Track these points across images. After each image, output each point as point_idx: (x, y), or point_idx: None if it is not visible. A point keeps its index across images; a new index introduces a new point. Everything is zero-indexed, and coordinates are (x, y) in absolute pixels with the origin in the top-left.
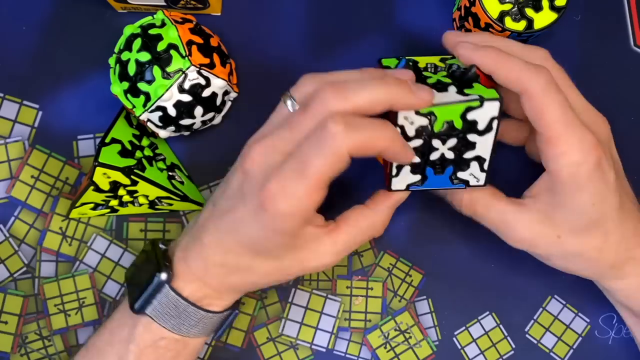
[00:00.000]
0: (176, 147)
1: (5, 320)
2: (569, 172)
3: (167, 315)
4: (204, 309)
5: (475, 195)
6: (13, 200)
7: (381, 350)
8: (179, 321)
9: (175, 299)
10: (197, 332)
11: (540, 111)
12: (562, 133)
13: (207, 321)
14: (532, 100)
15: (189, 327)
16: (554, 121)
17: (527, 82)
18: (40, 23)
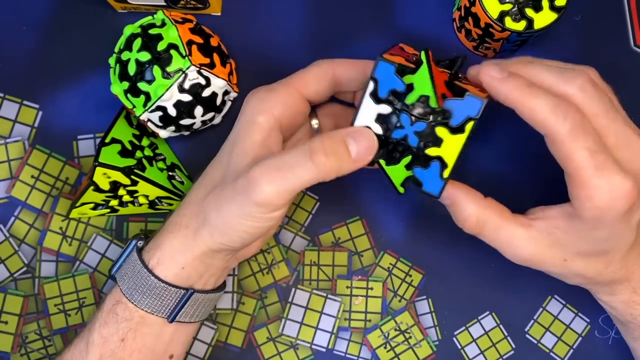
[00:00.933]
0: (176, 147)
1: (5, 320)
2: (594, 214)
3: (125, 276)
4: (154, 274)
5: (484, 217)
6: (13, 200)
7: (381, 350)
8: (133, 285)
9: (135, 259)
10: (149, 304)
11: (567, 157)
12: (592, 180)
13: (158, 292)
14: (557, 145)
15: (141, 295)
16: (581, 167)
17: (552, 127)
18: (40, 23)
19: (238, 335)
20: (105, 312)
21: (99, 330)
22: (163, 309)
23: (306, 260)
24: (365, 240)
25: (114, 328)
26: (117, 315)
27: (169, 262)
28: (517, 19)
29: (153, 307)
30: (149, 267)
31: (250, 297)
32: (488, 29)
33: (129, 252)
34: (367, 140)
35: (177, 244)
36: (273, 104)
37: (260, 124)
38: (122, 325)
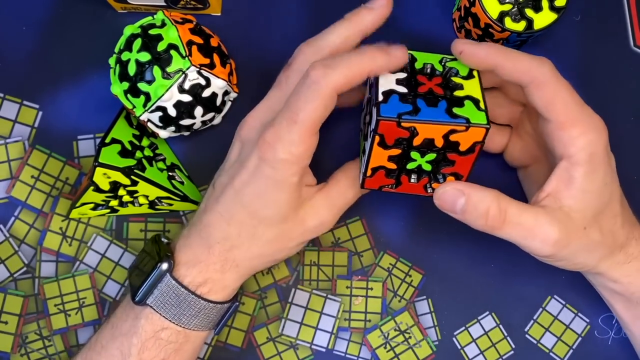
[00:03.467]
0: (176, 147)
1: (5, 320)
2: (588, 152)
3: (167, 304)
4: (204, 298)
5: (504, 204)
6: (13, 200)
7: (381, 350)
8: (180, 311)
9: (176, 287)
10: (197, 323)
11: (553, 97)
12: (577, 115)
13: (207, 312)
14: (542, 88)
15: (189, 318)
16: (567, 105)
17: (535, 71)
18: (40, 23)
19: (238, 335)
20: (145, 339)
21: (139, 356)
22: (210, 324)
23: (306, 261)
24: (365, 240)
25: (156, 351)
26: (161, 339)
27: (222, 290)
28: (516, 20)
29: (201, 324)
30: (197, 293)
31: (250, 297)
32: (488, 30)
33: (156, 278)
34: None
35: (229, 277)
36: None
37: (295, 183)
38: (166, 348)
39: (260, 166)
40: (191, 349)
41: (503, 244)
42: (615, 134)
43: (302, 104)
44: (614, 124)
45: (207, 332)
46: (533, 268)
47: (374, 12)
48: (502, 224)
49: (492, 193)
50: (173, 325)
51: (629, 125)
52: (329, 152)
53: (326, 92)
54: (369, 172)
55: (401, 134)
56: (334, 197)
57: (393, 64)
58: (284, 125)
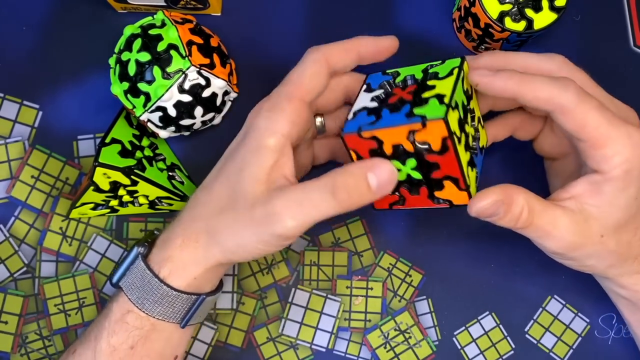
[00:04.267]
0: (176, 147)
1: (5, 320)
2: (623, 169)
3: (134, 286)
4: (166, 283)
5: (531, 204)
6: (13, 200)
7: (381, 350)
8: (143, 294)
9: (143, 268)
10: (161, 312)
11: (582, 122)
12: (610, 134)
13: (170, 301)
14: (569, 114)
15: (152, 304)
16: (597, 126)
17: (558, 99)
18: (40, 23)
19: (238, 335)
20: (113, 322)
21: (108, 340)
22: (175, 315)
23: (306, 261)
24: (365, 240)
25: (124, 337)
26: (127, 324)
27: (181, 273)
28: (517, 19)
29: (165, 314)
30: (160, 276)
31: (250, 297)
32: (488, 30)
33: (131, 261)
34: (387, 173)
35: (187, 257)
36: (281, 124)
37: (270, 147)
38: (132, 334)
39: (248, 132)
40: (161, 341)
41: (503, 244)
42: None
43: (293, 70)
44: None
45: (177, 327)
46: (533, 268)
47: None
48: (528, 225)
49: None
50: (137, 310)
51: None
52: None
53: (318, 57)
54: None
55: (369, 145)
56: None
57: (381, 44)
58: (275, 91)
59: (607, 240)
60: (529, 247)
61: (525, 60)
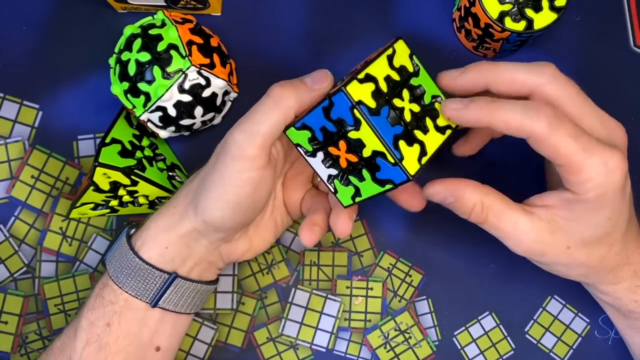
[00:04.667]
0: (176, 147)
1: (5, 320)
2: (596, 194)
3: (113, 259)
4: (138, 255)
5: (488, 202)
6: (13, 200)
7: (381, 350)
8: (119, 266)
9: (123, 242)
10: (133, 286)
11: (554, 149)
12: (583, 161)
13: (142, 275)
14: (541, 142)
15: (125, 277)
16: (571, 154)
17: (530, 127)
18: (40, 23)
19: (238, 335)
20: (93, 297)
21: (87, 315)
22: (147, 293)
23: (306, 261)
24: (365, 240)
25: (101, 312)
26: (103, 298)
27: (153, 242)
28: (517, 19)
29: (137, 290)
30: (134, 248)
31: (250, 297)
32: (488, 29)
33: (120, 240)
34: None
35: (162, 224)
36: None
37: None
38: (107, 309)
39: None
40: (136, 322)
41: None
42: None
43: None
44: None
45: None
46: (533, 268)
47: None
48: (483, 221)
49: (477, 192)
50: (111, 282)
51: (629, 125)
52: None
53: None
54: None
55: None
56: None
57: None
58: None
59: (574, 252)
60: None
61: (513, 74)
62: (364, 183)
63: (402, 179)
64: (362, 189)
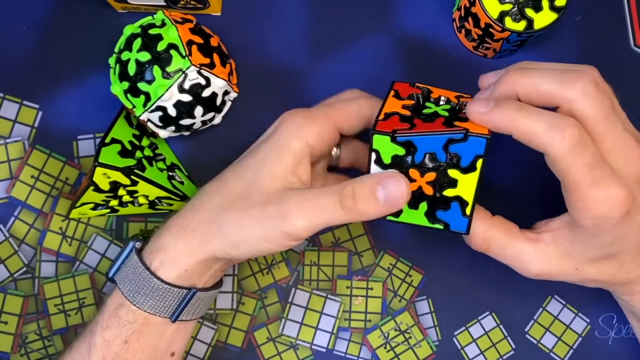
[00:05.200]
0: (176, 147)
1: (5, 320)
2: (592, 224)
3: (126, 279)
4: (157, 276)
5: (489, 235)
6: (13, 200)
7: (381, 350)
8: (135, 287)
9: (135, 261)
10: (152, 305)
11: (566, 173)
12: (587, 193)
13: (161, 294)
14: (555, 161)
15: (143, 297)
16: (579, 182)
17: (550, 146)
18: (40, 23)
19: (238, 336)
20: (107, 316)
21: (102, 334)
22: (166, 309)
23: (306, 261)
24: (365, 240)
25: (117, 331)
26: (120, 318)
27: (173, 264)
28: (517, 19)
29: (156, 308)
30: (151, 269)
31: (250, 297)
32: (488, 29)
33: (127, 254)
34: (397, 187)
35: (182, 247)
36: (309, 133)
37: (294, 151)
38: (125, 328)
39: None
40: (155, 336)
41: None
42: None
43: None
44: None
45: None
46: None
47: None
48: (485, 251)
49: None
50: (128, 303)
51: None
52: None
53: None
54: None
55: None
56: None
57: None
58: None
59: (583, 272)
60: None
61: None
62: (412, 211)
63: (462, 230)
64: (406, 213)
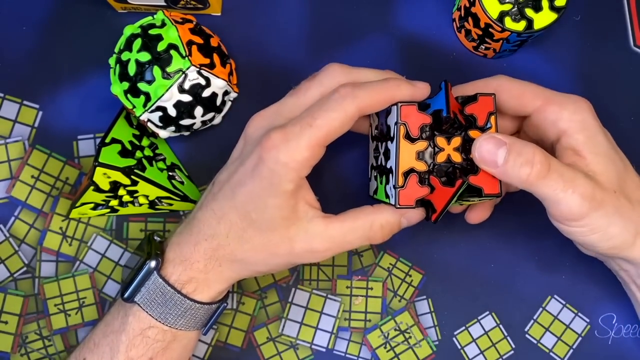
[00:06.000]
0: (176, 147)
1: (5, 320)
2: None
3: (154, 302)
4: (190, 298)
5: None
6: (13, 200)
7: (381, 350)
8: (166, 310)
9: (162, 285)
10: (184, 323)
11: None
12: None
13: (193, 312)
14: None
15: (175, 317)
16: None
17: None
18: (40, 23)
19: (238, 335)
20: (132, 336)
21: (126, 354)
22: (197, 324)
23: None
24: None
25: (144, 349)
26: (148, 338)
27: (207, 290)
28: (517, 19)
29: (188, 324)
30: (183, 292)
31: (250, 297)
32: (488, 29)
33: (143, 276)
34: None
35: (212, 277)
36: (298, 170)
37: (290, 191)
38: (153, 347)
39: (259, 166)
40: (180, 348)
41: (503, 244)
42: (615, 133)
43: (323, 112)
44: (614, 124)
45: (196, 332)
46: (533, 268)
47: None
48: (547, 172)
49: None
50: (159, 324)
51: (629, 125)
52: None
53: (350, 108)
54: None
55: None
56: (334, 233)
57: (417, 95)
58: (296, 129)
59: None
60: (529, 247)
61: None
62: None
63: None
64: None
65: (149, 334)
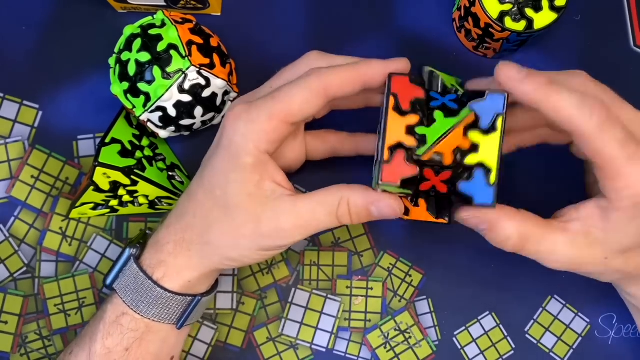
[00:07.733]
0: (176, 147)
1: (5, 320)
2: (632, 202)
3: (127, 288)
4: (160, 285)
5: (525, 232)
6: (13, 200)
7: (381, 350)
8: (138, 297)
9: (136, 271)
10: (156, 313)
11: (597, 151)
12: (624, 169)
13: (165, 302)
14: (586, 140)
15: (147, 306)
16: (613, 159)
17: (579, 124)
18: (40, 23)
19: (238, 335)
20: (108, 324)
21: (102, 342)
22: (170, 316)
23: (306, 261)
24: (365, 240)
25: (119, 339)
26: (122, 326)
27: (176, 277)
28: (517, 19)
29: (160, 316)
30: (153, 278)
31: (250, 297)
32: (488, 29)
33: (123, 262)
34: (389, 209)
35: (181, 263)
36: (256, 141)
37: (250, 164)
38: (127, 336)
39: (222, 138)
40: (157, 342)
41: None
42: None
43: (286, 87)
44: None
45: (173, 327)
46: (533, 268)
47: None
48: (520, 250)
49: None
50: (131, 312)
51: None
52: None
53: (315, 84)
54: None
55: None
56: (301, 209)
57: (390, 68)
58: (259, 102)
59: (611, 262)
60: None
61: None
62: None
63: (489, 201)
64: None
65: (122, 321)
